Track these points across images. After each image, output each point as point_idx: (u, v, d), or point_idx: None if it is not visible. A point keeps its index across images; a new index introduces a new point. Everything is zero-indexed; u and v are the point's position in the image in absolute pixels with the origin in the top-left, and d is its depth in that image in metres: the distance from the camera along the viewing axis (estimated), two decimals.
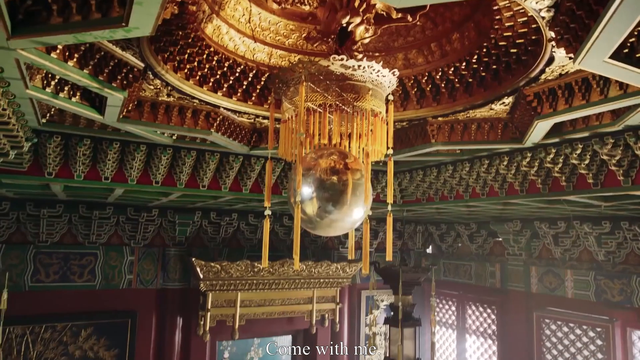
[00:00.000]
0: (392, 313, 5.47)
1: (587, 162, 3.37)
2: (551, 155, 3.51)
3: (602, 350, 6.04)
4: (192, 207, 6.81)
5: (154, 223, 6.91)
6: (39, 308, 6.16)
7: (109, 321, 6.65)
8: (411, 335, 5.47)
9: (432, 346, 5.35)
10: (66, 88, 2.79)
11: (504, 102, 3.17)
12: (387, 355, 5.55)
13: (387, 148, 2.48)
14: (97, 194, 5.30)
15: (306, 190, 2.35)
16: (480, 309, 8.05)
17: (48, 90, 2.68)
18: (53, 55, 2.23)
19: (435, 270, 9.04)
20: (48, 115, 3.35)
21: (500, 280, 7.64)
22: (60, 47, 2.26)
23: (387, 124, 2.49)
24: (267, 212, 2.49)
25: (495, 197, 4.39)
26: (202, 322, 6.83)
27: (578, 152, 3.33)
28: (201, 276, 6.61)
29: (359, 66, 2.27)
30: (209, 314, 6.79)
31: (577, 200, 4.07)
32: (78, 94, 2.88)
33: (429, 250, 9.48)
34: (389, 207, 2.53)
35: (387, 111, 2.51)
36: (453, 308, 8.63)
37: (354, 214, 2.44)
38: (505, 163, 3.90)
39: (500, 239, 7.55)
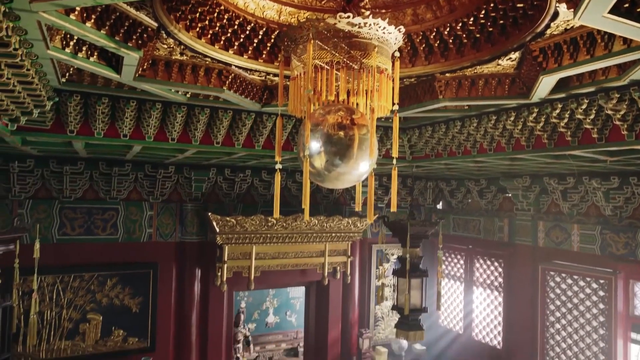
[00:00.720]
0: (400, 265, 5.70)
1: (592, 117, 3.42)
2: (557, 111, 3.56)
3: (604, 301, 6.25)
4: (207, 164, 7.01)
5: (170, 179, 7.15)
6: (67, 259, 6.55)
7: (132, 272, 7.04)
8: (418, 285, 5.70)
9: (438, 295, 5.60)
10: (84, 48, 2.91)
11: (510, 58, 3.20)
12: (395, 304, 5.82)
13: (393, 104, 2.57)
14: (116, 151, 5.50)
15: (314, 145, 2.47)
16: (488, 262, 8.27)
17: (67, 50, 2.80)
18: (72, 16, 2.34)
19: (445, 226, 9.26)
20: (67, 75, 3.49)
21: (508, 235, 7.81)
22: (78, 9, 2.36)
23: (392, 80, 2.58)
24: (278, 166, 2.64)
25: (502, 152, 4.47)
26: (219, 274, 7.19)
27: (584, 107, 3.37)
28: (217, 230, 6.89)
29: (365, 24, 2.33)
30: (225, 265, 7.13)
31: (583, 155, 4.13)
32: (95, 53, 3.00)
33: (439, 206, 9.64)
34: (394, 161, 2.64)
35: (393, 68, 2.59)
36: (462, 261, 8.88)
37: (360, 167, 2.57)
38: (512, 119, 3.95)
39: (509, 195, 7.65)
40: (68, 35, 2.73)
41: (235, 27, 3.16)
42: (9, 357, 5.92)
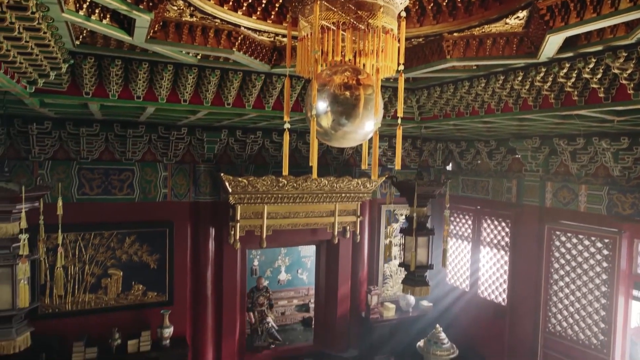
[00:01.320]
0: (408, 224, 5.85)
1: (599, 76, 3.42)
2: (565, 70, 3.57)
3: (608, 260, 6.38)
4: (218, 126, 7.13)
5: (183, 141, 7.30)
6: (87, 217, 6.84)
7: (148, 230, 7.32)
8: (425, 243, 5.88)
9: (444, 253, 5.77)
10: (97, 11, 2.97)
11: (518, 17, 3.19)
12: (402, 261, 6.02)
13: (398, 64, 2.63)
14: (130, 113, 5.64)
15: (321, 104, 2.56)
16: (495, 222, 8.41)
17: (81, 13, 2.88)
18: None
19: (454, 187, 9.36)
20: (81, 37, 3.58)
21: (516, 196, 7.89)
22: None
23: (398, 40, 2.63)
24: (287, 126, 2.74)
25: (509, 112, 4.50)
26: (232, 232, 7.44)
27: (591, 66, 3.38)
28: (230, 190, 7.08)
29: None
30: (238, 224, 7.37)
31: (590, 115, 4.15)
32: (108, 16, 3.07)
33: (449, 167, 9.70)
34: (399, 121, 2.72)
35: (399, 28, 2.63)
36: (470, 222, 9.02)
37: (366, 127, 2.66)
38: (519, 79, 3.96)
39: (518, 156, 7.68)
40: None
41: None
42: (37, 306, 6.31)
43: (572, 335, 6.84)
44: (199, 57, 4.05)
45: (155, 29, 3.32)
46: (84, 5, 2.87)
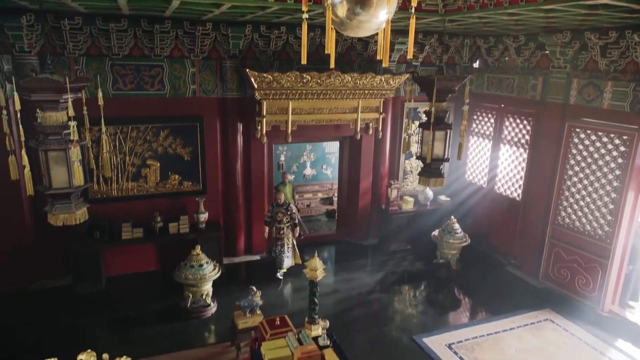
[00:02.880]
0: (427, 118, 6.04)
1: None
2: None
3: (624, 156, 6.51)
4: (242, 21, 7.14)
5: (209, 37, 7.39)
6: (123, 112, 7.27)
7: (180, 124, 7.76)
8: (442, 137, 6.11)
9: (460, 147, 6.02)
10: None
11: None
12: (420, 154, 6.30)
13: None
14: (156, 7, 5.74)
15: None
16: (518, 120, 8.47)
17: None
18: None
19: (479, 84, 9.29)
20: None
21: (541, 93, 7.84)
22: None
23: None
24: (305, 16, 2.90)
25: (533, 3, 4.42)
26: (259, 127, 7.81)
27: None
28: (255, 86, 7.31)
29: None
30: (264, 119, 7.70)
31: (615, 4, 4.06)
32: None
33: (476, 64, 9.53)
34: (412, 10, 2.84)
35: None
36: (492, 120, 9.09)
37: (379, 16, 2.80)
38: None
39: (547, 52, 7.49)
40: None
41: None
42: (88, 190, 7.03)
43: (579, 226, 7.23)
44: None
45: None
46: None
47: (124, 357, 4.03)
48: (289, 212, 7.97)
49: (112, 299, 7.35)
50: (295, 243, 8.18)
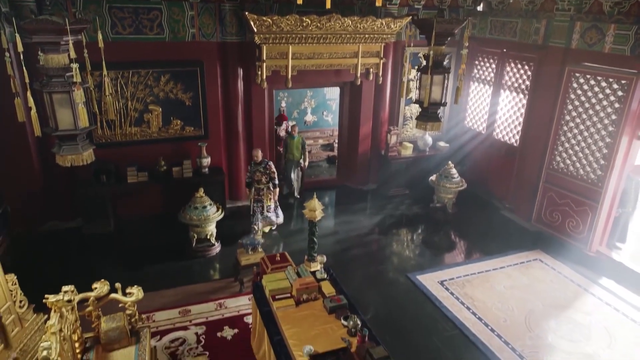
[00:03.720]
0: (425, 62, 6.04)
1: None
2: None
3: (621, 101, 6.55)
4: None
5: None
6: (123, 56, 7.27)
7: (181, 69, 7.77)
8: (440, 81, 6.12)
9: (458, 91, 6.04)
10: None
11: None
12: (418, 98, 6.35)
13: None
14: None
15: None
16: (519, 65, 8.42)
17: None
18: None
19: (482, 28, 9.16)
20: None
21: (543, 37, 7.76)
22: None
23: None
24: None
25: None
26: (259, 72, 7.81)
27: None
28: (255, 30, 7.25)
29: None
30: (264, 64, 7.70)
31: None
32: None
33: (480, 7, 9.33)
34: None
35: None
36: (493, 65, 9.03)
37: None
38: None
39: None
40: None
41: None
42: (93, 128, 7.17)
43: (572, 171, 7.39)
44: None
45: None
46: None
47: (135, 286, 4.36)
48: (267, 171, 7.43)
49: (120, 239, 7.69)
50: (276, 205, 7.83)
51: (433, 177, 8.94)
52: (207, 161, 8.10)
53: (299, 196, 9.40)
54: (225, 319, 5.66)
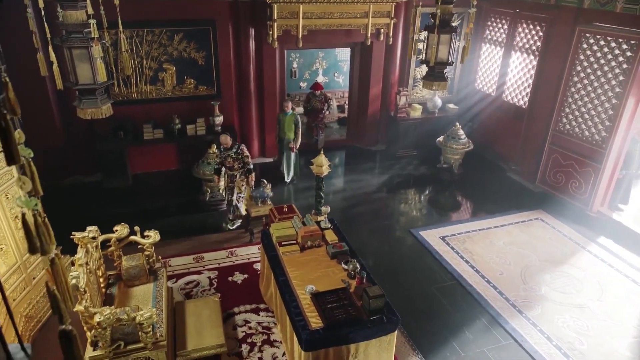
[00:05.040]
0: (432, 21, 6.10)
1: None
2: None
3: (629, 61, 6.56)
4: None
5: None
6: (138, 15, 7.42)
7: (193, 28, 7.93)
8: (446, 40, 6.17)
9: (464, 50, 6.11)
10: None
11: None
12: (424, 57, 6.45)
13: None
14: None
15: None
16: (531, 26, 8.36)
17: None
18: None
19: None
20: None
21: None
22: None
23: None
24: None
25: None
26: (270, 32, 7.92)
27: None
28: None
29: None
30: (275, 24, 7.80)
31: None
32: None
33: None
34: None
35: None
36: (505, 26, 8.97)
37: None
38: None
39: None
40: None
41: None
42: (111, 83, 7.44)
43: (578, 132, 7.48)
44: None
45: None
46: None
47: (152, 230, 4.72)
48: (240, 156, 6.56)
49: (137, 193, 8.09)
50: (249, 194, 6.90)
51: (440, 138, 9.08)
52: (219, 119, 8.34)
53: (288, 180, 8.46)
54: (236, 265, 6.06)
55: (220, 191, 7.12)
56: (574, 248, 6.83)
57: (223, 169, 6.73)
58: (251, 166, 6.72)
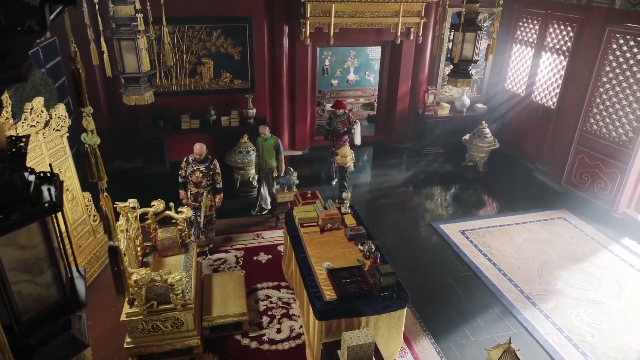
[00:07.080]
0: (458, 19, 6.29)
1: None
2: None
3: None
4: None
5: None
6: (180, 12, 7.89)
7: (231, 25, 8.39)
8: (471, 39, 6.36)
9: (489, 48, 6.29)
10: None
11: None
12: (450, 55, 6.64)
13: None
14: None
15: None
16: (562, 27, 8.38)
17: None
18: None
19: None
20: None
21: None
22: None
23: None
24: None
25: None
26: (303, 29, 8.29)
27: None
28: None
29: None
30: (308, 22, 8.16)
31: None
32: None
33: None
34: None
35: None
36: (536, 27, 9.00)
37: None
38: None
39: None
40: None
41: None
42: (153, 72, 7.96)
43: (605, 133, 7.47)
44: None
45: None
46: None
47: (185, 207, 5.15)
48: (211, 172, 5.93)
49: (174, 179, 8.58)
50: (212, 217, 6.08)
51: (466, 136, 9.20)
52: (252, 112, 8.77)
53: (261, 213, 7.25)
54: (261, 246, 6.45)
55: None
56: (595, 247, 6.85)
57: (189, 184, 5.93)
58: (220, 185, 5.99)
